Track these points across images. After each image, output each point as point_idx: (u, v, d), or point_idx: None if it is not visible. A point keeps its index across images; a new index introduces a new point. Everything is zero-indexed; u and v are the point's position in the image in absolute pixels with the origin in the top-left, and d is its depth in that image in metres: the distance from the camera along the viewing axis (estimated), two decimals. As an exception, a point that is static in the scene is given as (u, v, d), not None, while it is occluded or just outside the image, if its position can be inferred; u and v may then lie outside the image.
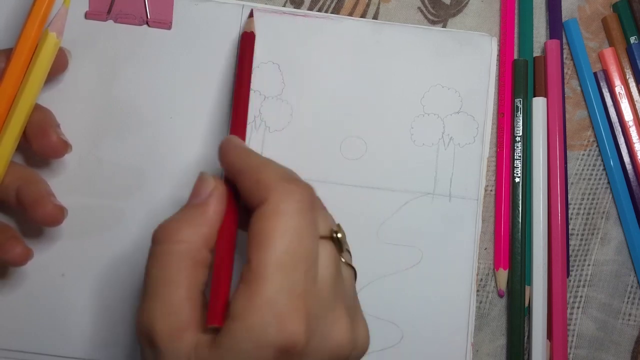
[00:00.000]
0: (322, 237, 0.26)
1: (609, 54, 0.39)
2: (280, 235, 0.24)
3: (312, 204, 0.26)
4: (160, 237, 0.26)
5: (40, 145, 0.32)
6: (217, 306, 0.25)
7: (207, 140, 0.37)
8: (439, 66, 0.38)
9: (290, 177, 0.26)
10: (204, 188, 0.27)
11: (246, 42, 0.36)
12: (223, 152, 0.28)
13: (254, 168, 0.26)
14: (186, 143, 0.37)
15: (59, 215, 0.32)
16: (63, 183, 0.36)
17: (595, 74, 0.39)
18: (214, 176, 0.28)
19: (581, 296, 0.38)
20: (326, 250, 0.26)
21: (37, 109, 0.33)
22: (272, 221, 0.24)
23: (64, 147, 0.33)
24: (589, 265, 0.38)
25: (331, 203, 0.36)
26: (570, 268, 0.38)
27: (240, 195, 0.27)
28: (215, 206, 0.27)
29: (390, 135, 0.37)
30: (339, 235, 0.27)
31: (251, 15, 0.37)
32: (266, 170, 0.26)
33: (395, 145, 0.37)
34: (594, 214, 0.39)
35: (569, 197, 0.38)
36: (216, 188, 0.27)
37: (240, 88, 0.34)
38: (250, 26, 0.36)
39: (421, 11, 0.39)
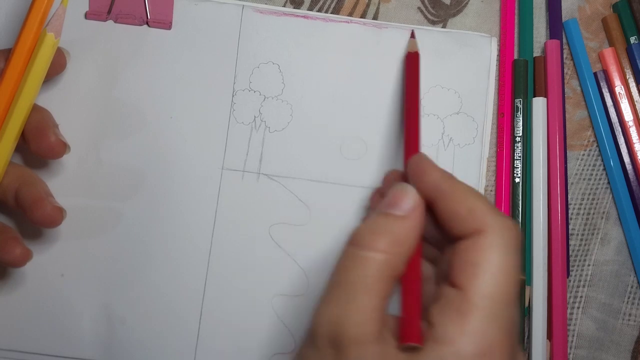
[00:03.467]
0: None
1: (609, 54, 0.39)
2: (500, 271, 0.25)
3: (521, 243, 0.26)
4: (361, 241, 0.26)
5: (38, 145, 0.32)
6: (415, 325, 0.25)
7: (207, 140, 0.37)
8: (438, 67, 0.38)
9: (501, 212, 0.27)
10: (407, 201, 0.27)
11: (411, 62, 0.36)
12: (421, 169, 0.28)
13: (464, 194, 0.27)
14: (186, 143, 0.37)
15: (57, 216, 0.32)
16: (63, 183, 0.36)
17: (595, 74, 0.39)
18: (415, 189, 0.28)
19: (581, 296, 0.38)
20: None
21: (36, 109, 0.33)
22: (490, 254, 0.25)
23: (62, 147, 0.33)
24: (589, 265, 0.38)
25: (331, 203, 0.37)
26: (570, 268, 0.38)
27: (439, 216, 0.27)
28: (418, 222, 0.27)
29: (390, 136, 0.37)
30: (522, 277, 0.27)
31: (413, 35, 0.37)
32: (478, 200, 0.26)
33: (395, 146, 0.37)
34: (594, 214, 0.39)
35: (569, 197, 0.38)
36: (419, 203, 0.27)
37: (411, 108, 0.33)
38: (413, 46, 0.36)
39: (421, 11, 0.39)
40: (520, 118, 0.38)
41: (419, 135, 0.32)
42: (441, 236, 0.28)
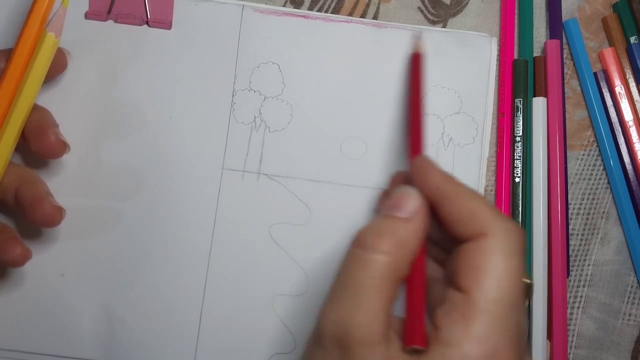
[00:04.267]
0: None
1: (609, 54, 0.39)
2: (504, 275, 0.25)
3: (525, 246, 0.26)
4: (364, 243, 0.26)
5: (38, 145, 0.32)
6: (419, 328, 0.25)
7: (207, 140, 0.37)
8: (438, 67, 0.38)
9: (504, 215, 0.27)
10: (409, 203, 0.27)
11: (415, 63, 0.36)
12: (423, 172, 0.28)
13: (465, 197, 0.27)
14: (186, 143, 0.37)
15: (57, 216, 0.32)
16: (63, 183, 0.36)
17: (595, 74, 0.39)
18: (418, 191, 0.28)
19: (581, 296, 0.38)
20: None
21: (36, 109, 0.33)
22: (494, 258, 0.25)
23: (62, 147, 0.33)
24: (589, 265, 0.38)
25: (331, 203, 0.37)
26: (570, 268, 0.38)
27: (442, 219, 0.27)
28: (421, 225, 0.27)
29: (390, 135, 0.37)
30: (530, 282, 0.27)
31: (419, 36, 0.37)
32: (480, 203, 0.26)
33: (396, 145, 0.37)
34: (594, 214, 0.39)
35: (569, 197, 0.38)
36: (422, 205, 0.27)
37: (414, 109, 0.33)
38: (418, 47, 0.36)
39: (421, 11, 0.39)
40: (520, 118, 0.38)
41: (422, 137, 0.32)
42: (447, 238, 0.28)
